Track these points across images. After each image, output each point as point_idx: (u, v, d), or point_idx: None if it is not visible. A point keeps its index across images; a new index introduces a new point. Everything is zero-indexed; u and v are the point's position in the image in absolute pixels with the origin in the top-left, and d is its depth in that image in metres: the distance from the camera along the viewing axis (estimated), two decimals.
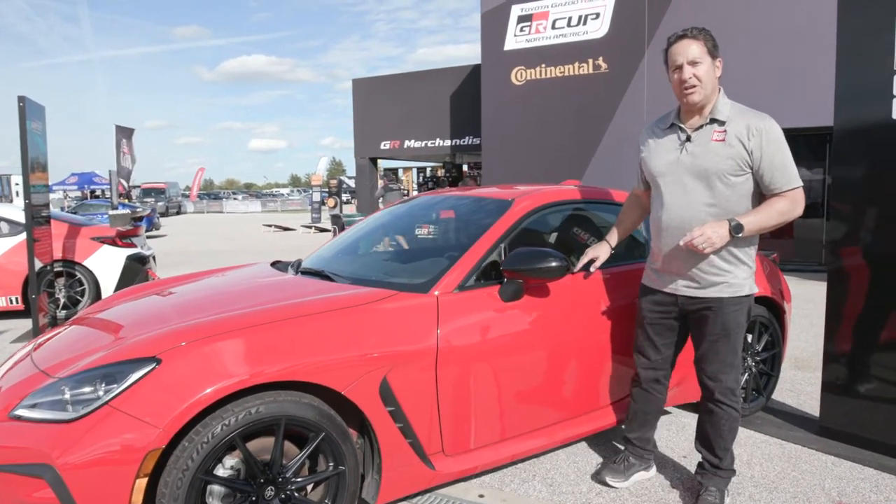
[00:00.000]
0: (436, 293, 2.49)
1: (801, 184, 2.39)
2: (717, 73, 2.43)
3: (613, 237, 2.86)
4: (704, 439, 2.62)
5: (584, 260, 2.84)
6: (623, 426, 2.88)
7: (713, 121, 2.42)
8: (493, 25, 12.23)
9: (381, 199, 13.78)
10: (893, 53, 2.89)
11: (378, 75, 16.90)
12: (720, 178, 2.37)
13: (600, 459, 3.01)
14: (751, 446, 3.18)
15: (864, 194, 3.04)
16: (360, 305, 2.36)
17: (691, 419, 3.44)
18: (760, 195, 2.43)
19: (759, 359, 3.57)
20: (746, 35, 9.70)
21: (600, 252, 2.83)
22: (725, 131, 2.38)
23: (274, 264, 3.53)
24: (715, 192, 2.39)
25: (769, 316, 3.59)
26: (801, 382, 4.27)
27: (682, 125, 2.49)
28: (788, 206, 2.37)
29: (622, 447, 2.87)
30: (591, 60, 11.37)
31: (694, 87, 2.37)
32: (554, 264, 2.51)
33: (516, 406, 2.62)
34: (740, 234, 2.35)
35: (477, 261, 2.62)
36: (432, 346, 2.36)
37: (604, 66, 11.26)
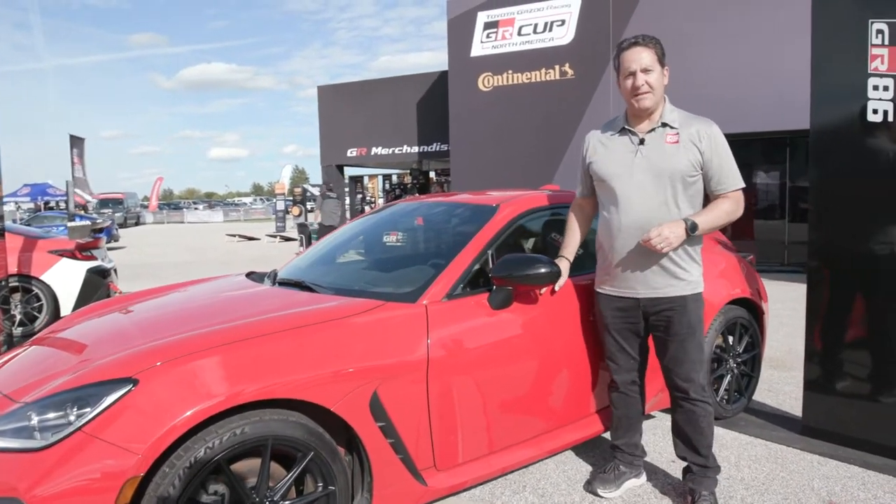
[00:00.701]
0: (424, 302, 2.42)
1: (744, 185, 2.49)
2: (665, 81, 2.52)
3: (570, 251, 2.76)
4: (686, 442, 2.61)
5: None
6: (610, 434, 2.84)
7: (664, 125, 2.49)
8: (460, 32, 12.25)
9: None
10: (868, 54, 2.94)
11: (344, 82, 16.77)
12: (680, 179, 2.44)
13: (589, 467, 2.97)
14: (737, 448, 3.18)
15: (842, 194, 3.08)
16: (347, 317, 2.27)
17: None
18: (706, 197, 2.52)
19: (740, 360, 3.59)
20: (707, 41, 9.91)
21: (561, 268, 2.69)
22: (678, 134, 2.47)
23: (249, 275, 3.41)
24: (675, 192, 2.45)
25: (749, 317, 3.61)
26: (778, 382, 4.32)
27: (632, 129, 2.51)
28: (733, 206, 2.48)
29: (611, 455, 2.82)
30: (557, 67, 11.47)
31: (646, 93, 2.44)
32: (544, 270, 2.46)
33: (507, 416, 2.56)
34: (695, 233, 2.41)
35: (465, 268, 2.56)
36: (423, 357, 2.28)
37: (570, 72, 11.37)
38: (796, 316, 6.51)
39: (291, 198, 31.03)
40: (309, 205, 32.96)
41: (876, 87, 2.93)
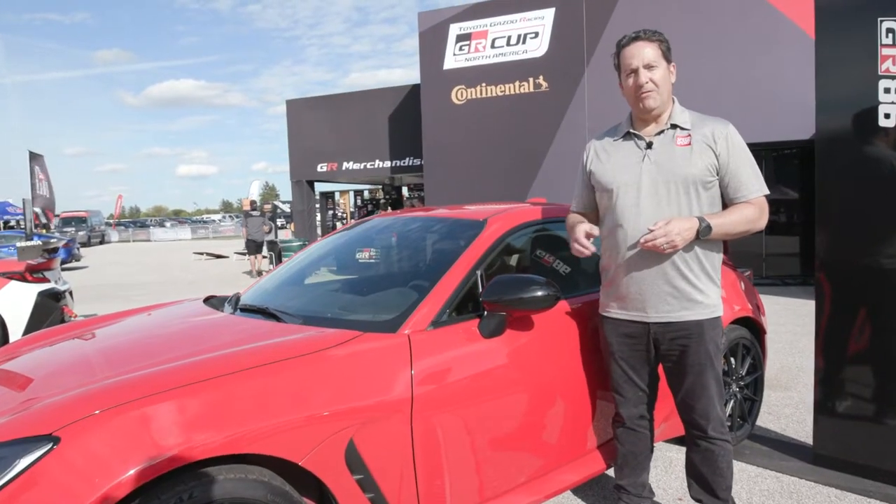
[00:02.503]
0: (406, 332, 2.11)
1: (768, 191, 2.21)
2: (672, 79, 2.25)
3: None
4: (703, 484, 2.34)
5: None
6: (613, 473, 2.55)
7: (674, 126, 2.22)
8: (432, 45, 12.04)
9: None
10: (878, 55, 2.75)
11: (313, 96, 16.45)
12: (694, 185, 2.17)
13: None
14: (747, 482, 2.92)
15: (853, 206, 2.87)
16: (318, 352, 1.95)
17: (679, 453, 3.17)
18: (724, 205, 2.25)
19: (742, 384, 3.35)
20: (682, 53, 9.84)
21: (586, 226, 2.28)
22: (690, 136, 2.20)
23: (208, 300, 3.07)
24: (689, 200, 2.18)
25: (751, 337, 3.37)
26: (777, 404, 4.10)
27: (638, 133, 2.26)
28: (756, 213, 2.19)
29: (616, 497, 2.53)
30: (531, 79, 11.33)
31: (650, 91, 2.17)
32: (541, 293, 2.17)
33: (502, 459, 2.26)
34: (707, 237, 2.13)
35: (452, 292, 2.26)
36: (406, 396, 1.97)
37: (544, 84, 11.24)
38: (782, 331, 6.37)
39: (253, 211, 30.46)
40: (279, 221, 32.48)
41: (888, 90, 2.74)
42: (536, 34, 11.22)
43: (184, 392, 1.69)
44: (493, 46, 11.57)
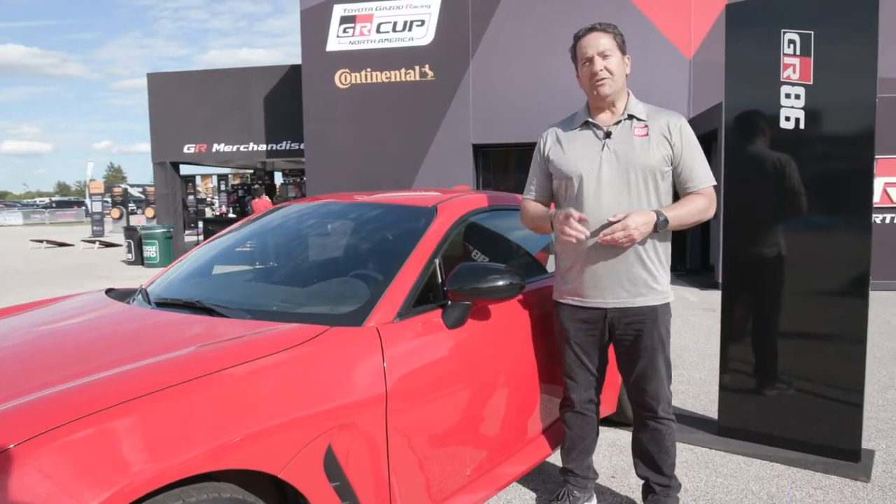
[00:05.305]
0: (372, 325, 2.00)
1: (716, 182, 2.37)
2: (627, 70, 2.34)
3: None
4: (649, 462, 2.46)
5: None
6: (561, 457, 2.62)
7: (631, 117, 2.31)
8: (314, 24, 11.61)
9: None
10: (780, 65, 3.02)
11: (181, 71, 15.22)
12: (653, 174, 2.27)
13: (534, 494, 2.73)
14: None
15: (755, 201, 3.15)
16: (286, 349, 1.78)
17: (607, 432, 3.32)
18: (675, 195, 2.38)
19: None
20: (564, 46, 10.31)
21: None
22: (647, 127, 2.29)
23: (109, 292, 2.73)
24: (647, 189, 2.27)
25: None
26: (674, 380, 4.43)
27: (596, 123, 2.33)
28: (706, 203, 2.32)
29: (563, 480, 2.60)
30: (417, 67, 11.31)
31: (604, 79, 2.25)
32: (508, 282, 2.15)
33: (469, 451, 2.22)
34: (664, 229, 2.25)
35: (414, 281, 2.17)
36: (381, 392, 1.87)
37: (430, 73, 11.27)
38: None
39: (110, 199, 27.78)
40: (130, 206, 29.80)
41: (788, 96, 3.03)
42: (423, 22, 11.19)
43: (142, 404, 1.46)
44: (378, 31, 11.38)
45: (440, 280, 2.27)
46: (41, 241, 18.98)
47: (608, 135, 2.29)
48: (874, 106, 2.86)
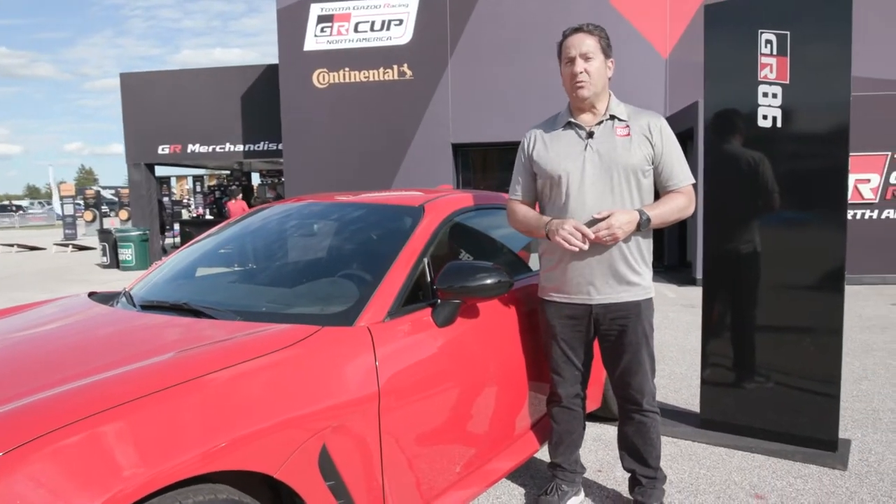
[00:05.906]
0: (363, 324, 2.01)
1: (694, 180, 2.42)
2: (609, 74, 2.38)
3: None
4: (635, 455, 2.50)
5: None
6: (549, 452, 2.65)
7: (612, 117, 2.35)
8: (291, 23, 11.53)
9: None
10: (757, 64, 3.09)
11: (154, 70, 14.96)
12: (635, 173, 2.31)
13: (523, 490, 2.76)
14: None
15: (734, 198, 3.21)
16: (278, 350, 1.78)
17: (593, 427, 3.36)
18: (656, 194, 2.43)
19: None
20: (542, 46, 10.38)
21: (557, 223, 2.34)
22: (629, 127, 2.34)
23: (92, 295, 2.69)
24: (630, 188, 2.31)
25: None
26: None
27: (578, 123, 2.36)
28: (686, 202, 2.38)
29: (551, 475, 2.63)
30: (395, 67, 11.29)
31: (583, 81, 2.29)
32: (497, 280, 2.18)
33: (460, 447, 2.24)
34: (647, 228, 2.30)
35: (404, 280, 2.18)
36: (374, 391, 1.88)
37: (409, 73, 11.26)
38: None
39: (82, 201, 27.26)
40: (103, 208, 29.28)
41: (765, 94, 3.10)
42: (401, 21, 11.18)
43: (135, 408, 1.45)
44: (356, 30, 11.34)
45: (429, 279, 2.28)
46: (11, 245, 18.56)
47: (591, 135, 2.33)
48: (848, 104, 2.94)
